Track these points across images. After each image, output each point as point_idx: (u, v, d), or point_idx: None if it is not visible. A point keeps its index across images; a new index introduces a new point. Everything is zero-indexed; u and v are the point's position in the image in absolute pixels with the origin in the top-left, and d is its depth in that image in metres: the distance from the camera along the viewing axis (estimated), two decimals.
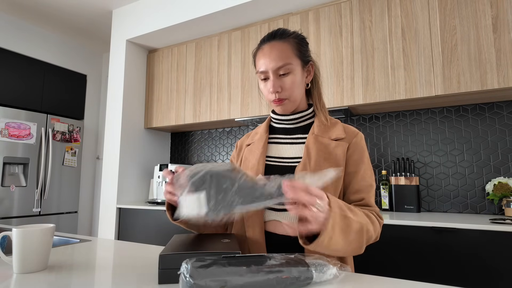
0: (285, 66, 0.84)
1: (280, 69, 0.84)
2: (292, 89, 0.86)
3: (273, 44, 0.86)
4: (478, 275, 1.43)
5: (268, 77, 0.86)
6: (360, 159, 0.86)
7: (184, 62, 2.81)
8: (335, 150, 0.85)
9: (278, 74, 0.85)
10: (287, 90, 0.86)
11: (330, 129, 0.89)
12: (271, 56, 0.84)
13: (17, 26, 3.16)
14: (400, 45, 1.91)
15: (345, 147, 0.85)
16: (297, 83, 0.87)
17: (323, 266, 0.60)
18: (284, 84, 0.85)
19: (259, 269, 0.55)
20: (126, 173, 2.77)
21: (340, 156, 0.84)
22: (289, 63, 0.84)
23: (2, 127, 2.85)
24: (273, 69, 0.84)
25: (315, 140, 0.86)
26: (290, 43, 0.86)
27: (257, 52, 0.90)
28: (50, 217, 3.15)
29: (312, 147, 0.85)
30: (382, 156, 2.21)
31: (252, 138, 1.00)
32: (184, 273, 0.52)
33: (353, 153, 0.86)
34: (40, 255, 0.70)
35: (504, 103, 1.91)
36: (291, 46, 0.86)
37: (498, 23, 1.67)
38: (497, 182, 1.79)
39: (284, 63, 0.84)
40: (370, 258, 1.63)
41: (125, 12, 2.88)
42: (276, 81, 0.85)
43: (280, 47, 0.85)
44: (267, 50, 0.86)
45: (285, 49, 0.85)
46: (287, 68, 0.84)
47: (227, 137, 2.92)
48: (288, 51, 0.85)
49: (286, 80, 0.85)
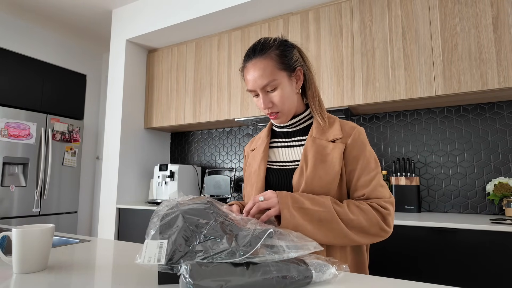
0: (270, 83, 0.85)
1: (266, 87, 0.86)
2: (282, 102, 0.87)
3: (254, 63, 0.86)
4: (478, 275, 1.42)
5: (258, 94, 0.88)
6: (358, 155, 0.86)
7: (184, 62, 2.81)
8: (332, 152, 0.86)
9: (266, 91, 0.87)
10: (277, 105, 0.87)
11: (328, 130, 0.90)
12: (255, 75, 0.86)
13: (17, 26, 3.16)
14: (401, 45, 1.91)
15: (341, 148, 0.86)
16: (286, 95, 0.87)
17: (322, 266, 0.60)
18: (273, 99, 0.87)
19: (259, 269, 0.55)
20: (126, 173, 2.77)
21: (336, 158, 0.85)
22: (273, 80, 0.85)
23: (1, 127, 2.85)
24: (259, 87, 0.86)
25: (312, 143, 0.88)
26: (271, 58, 0.86)
27: (243, 69, 0.91)
28: (49, 217, 3.15)
29: (310, 150, 0.87)
30: (382, 156, 2.21)
31: (255, 144, 1.03)
32: (184, 274, 0.52)
33: (351, 151, 0.87)
34: (40, 255, 0.70)
35: (504, 103, 1.91)
36: (272, 61, 0.85)
37: (499, 22, 1.67)
38: (497, 182, 1.79)
39: (269, 81, 0.85)
40: (370, 258, 1.63)
41: (125, 12, 2.88)
42: (265, 98, 0.87)
43: (262, 65, 0.85)
44: (250, 69, 0.87)
45: (266, 66, 0.85)
46: (272, 85, 0.86)
47: (227, 137, 2.92)
48: (270, 67, 0.85)
49: (274, 95, 0.87)
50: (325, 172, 0.83)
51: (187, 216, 0.63)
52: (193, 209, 0.66)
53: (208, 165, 2.98)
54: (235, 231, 0.62)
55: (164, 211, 0.65)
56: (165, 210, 0.66)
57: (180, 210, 0.64)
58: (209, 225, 0.62)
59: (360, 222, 0.78)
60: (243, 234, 0.61)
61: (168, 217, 0.63)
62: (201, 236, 0.60)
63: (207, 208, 0.67)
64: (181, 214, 0.63)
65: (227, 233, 0.61)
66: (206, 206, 0.68)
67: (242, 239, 0.60)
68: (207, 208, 0.67)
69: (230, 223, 0.65)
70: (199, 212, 0.65)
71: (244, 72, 0.90)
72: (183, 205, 0.67)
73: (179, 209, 0.65)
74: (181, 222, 0.61)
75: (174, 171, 2.65)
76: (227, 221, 0.65)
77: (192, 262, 0.54)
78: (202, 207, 0.67)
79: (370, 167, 0.85)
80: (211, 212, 0.67)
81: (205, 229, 0.61)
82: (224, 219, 0.66)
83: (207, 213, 0.66)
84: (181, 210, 0.65)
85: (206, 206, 0.68)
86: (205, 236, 0.59)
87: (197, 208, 0.66)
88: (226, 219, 0.66)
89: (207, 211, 0.66)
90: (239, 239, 0.60)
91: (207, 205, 0.69)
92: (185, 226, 0.61)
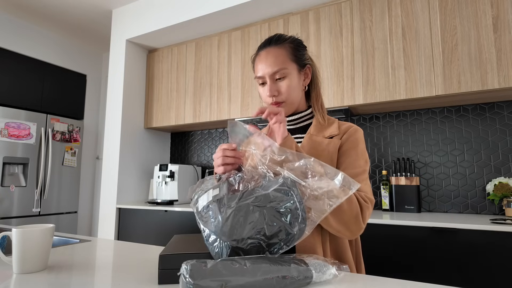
0: (280, 71, 0.87)
1: (276, 74, 0.88)
2: (289, 92, 0.89)
3: (269, 50, 0.90)
4: (478, 275, 1.42)
5: (266, 82, 0.90)
6: (350, 150, 0.85)
7: (184, 62, 2.81)
8: (327, 147, 0.86)
9: (274, 78, 0.88)
10: (283, 94, 0.89)
11: (326, 128, 0.91)
12: (267, 62, 0.88)
13: (17, 26, 3.16)
14: (401, 45, 1.91)
15: (337, 143, 0.87)
16: (293, 87, 0.89)
17: (323, 266, 0.60)
18: (280, 88, 0.88)
19: (259, 269, 0.55)
20: (126, 173, 2.77)
21: (332, 152, 0.85)
22: (284, 68, 0.87)
23: (2, 127, 2.85)
24: (269, 74, 0.88)
25: (309, 140, 0.89)
26: (285, 49, 0.89)
27: (255, 58, 0.94)
28: (49, 217, 3.15)
29: (306, 145, 0.88)
30: (382, 156, 2.21)
31: None
32: (184, 273, 0.52)
33: (344, 144, 0.87)
34: (40, 255, 0.70)
35: (504, 103, 1.91)
36: (286, 51, 0.89)
37: (499, 23, 1.67)
38: (497, 182, 1.79)
39: (279, 68, 0.87)
40: (370, 258, 1.63)
41: (125, 12, 2.88)
42: (272, 85, 0.88)
43: (276, 53, 0.89)
44: (263, 56, 0.90)
45: (280, 54, 0.88)
46: (282, 73, 0.87)
47: (227, 137, 2.92)
48: (283, 56, 0.88)
49: (282, 84, 0.88)
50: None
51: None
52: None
53: (208, 165, 2.98)
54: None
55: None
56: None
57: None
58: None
59: (342, 205, 0.73)
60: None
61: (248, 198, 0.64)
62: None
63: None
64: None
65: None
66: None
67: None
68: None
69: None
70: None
71: (256, 59, 0.93)
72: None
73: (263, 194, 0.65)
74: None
75: (174, 171, 2.65)
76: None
77: (192, 262, 0.54)
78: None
79: (358, 163, 0.84)
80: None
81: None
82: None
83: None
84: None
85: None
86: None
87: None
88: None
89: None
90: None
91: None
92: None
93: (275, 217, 0.61)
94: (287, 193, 0.64)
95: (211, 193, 0.68)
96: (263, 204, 0.62)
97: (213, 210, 0.64)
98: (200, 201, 0.69)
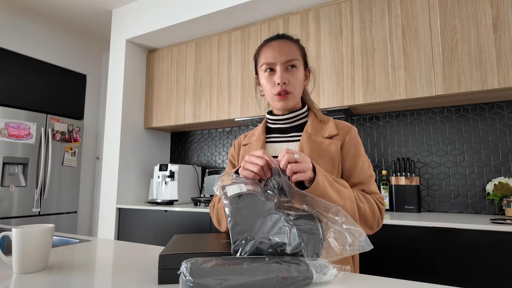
0: (293, 60, 0.90)
1: (288, 63, 0.90)
2: (296, 84, 0.91)
3: (282, 41, 0.93)
4: (478, 275, 1.42)
5: (274, 69, 0.91)
6: (357, 153, 0.90)
7: (184, 62, 2.81)
8: (328, 147, 0.88)
9: (286, 67, 0.90)
10: (292, 84, 0.90)
11: (323, 127, 0.93)
12: (281, 49, 0.90)
13: (17, 26, 3.16)
14: (401, 45, 1.91)
15: (338, 144, 0.89)
16: (300, 80, 0.93)
17: (323, 267, 0.60)
18: (291, 78, 0.90)
19: (259, 268, 0.55)
20: (126, 173, 2.77)
21: (334, 153, 0.88)
22: (296, 59, 0.91)
23: (1, 127, 2.85)
24: (282, 61, 0.90)
25: (308, 139, 0.90)
26: (297, 45, 0.94)
27: (262, 47, 0.95)
28: (49, 217, 3.15)
29: (306, 145, 0.89)
30: (382, 156, 2.21)
31: (249, 139, 1.05)
32: (184, 272, 0.52)
33: (349, 149, 0.90)
34: (40, 255, 0.70)
35: (504, 103, 1.91)
36: (298, 47, 0.94)
37: (499, 22, 1.67)
38: (497, 182, 1.79)
39: (293, 58, 0.90)
40: (370, 258, 1.63)
41: (125, 12, 2.88)
42: (283, 73, 0.90)
43: (289, 45, 0.92)
44: (276, 45, 0.92)
45: (293, 47, 0.92)
46: (294, 63, 0.91)
47: (227, 137, 2.92)
48: (295, 49, 0.93)
49: (292, 74, 0.91)
50: (324, 167, 0.85)
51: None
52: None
53: (208, 165, 2.98)
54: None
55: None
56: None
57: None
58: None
59: (366, 211, 0.81)
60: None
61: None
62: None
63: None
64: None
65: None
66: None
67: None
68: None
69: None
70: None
71: (265, 48, 0.94)
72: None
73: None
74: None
75: (174, 171, 2.65)
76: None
77: (192, 261, 0.54)
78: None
79: (366, 165, 0.91)
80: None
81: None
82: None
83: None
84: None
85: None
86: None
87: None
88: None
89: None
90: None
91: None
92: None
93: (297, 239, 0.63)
94: (313, 219, 0.67)
95: (243, 187, 0.70)
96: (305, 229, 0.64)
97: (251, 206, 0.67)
98: (229, 188, 0.70)
